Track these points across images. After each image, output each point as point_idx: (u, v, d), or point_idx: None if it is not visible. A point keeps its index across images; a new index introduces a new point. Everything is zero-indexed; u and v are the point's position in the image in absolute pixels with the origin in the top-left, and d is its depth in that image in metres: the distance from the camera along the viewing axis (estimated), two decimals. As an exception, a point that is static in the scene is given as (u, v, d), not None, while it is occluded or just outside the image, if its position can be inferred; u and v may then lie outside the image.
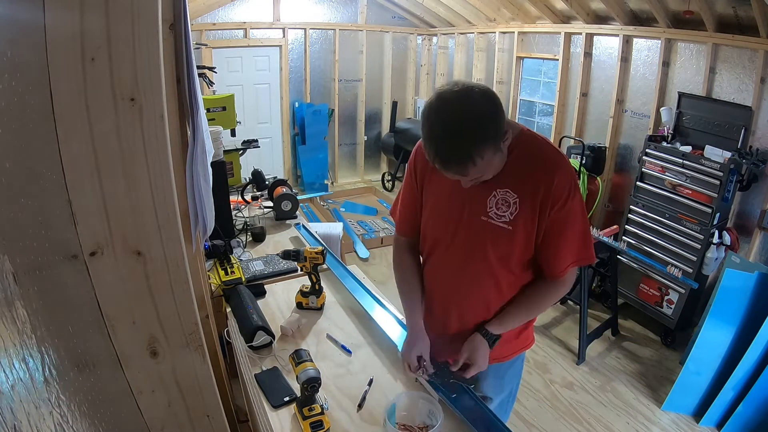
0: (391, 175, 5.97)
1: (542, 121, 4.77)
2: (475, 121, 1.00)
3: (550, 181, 1.10)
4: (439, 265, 1.31)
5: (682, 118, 3.20)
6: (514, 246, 1.17)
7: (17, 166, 0.63)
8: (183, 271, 0.80)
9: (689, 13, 3.05)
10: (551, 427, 2.37)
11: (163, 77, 0.71)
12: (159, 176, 0.73)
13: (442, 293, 1.32)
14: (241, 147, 2.82)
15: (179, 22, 1.11)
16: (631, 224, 3.28)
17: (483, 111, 1.01)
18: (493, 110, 1.02)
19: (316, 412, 1.14)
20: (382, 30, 5.82)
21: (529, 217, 1.13)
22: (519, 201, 1.13)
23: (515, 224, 1.14)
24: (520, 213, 1.13)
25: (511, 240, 1.16)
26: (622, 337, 3.18)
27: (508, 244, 1.17)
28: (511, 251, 1.18)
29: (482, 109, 1.01)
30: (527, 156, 1.13)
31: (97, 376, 0.76)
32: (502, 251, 1.19)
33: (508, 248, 1.18)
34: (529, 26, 4.52)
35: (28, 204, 0.65)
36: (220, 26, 4.98)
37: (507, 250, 1.18)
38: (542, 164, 1.13)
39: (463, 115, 1.00)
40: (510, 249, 1.18)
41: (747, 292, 2.33)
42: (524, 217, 1.14)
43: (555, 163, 1.12)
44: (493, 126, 1.01)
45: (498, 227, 1.16)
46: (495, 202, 1.15)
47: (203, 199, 1.28)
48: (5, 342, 0.57)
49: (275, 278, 1.88)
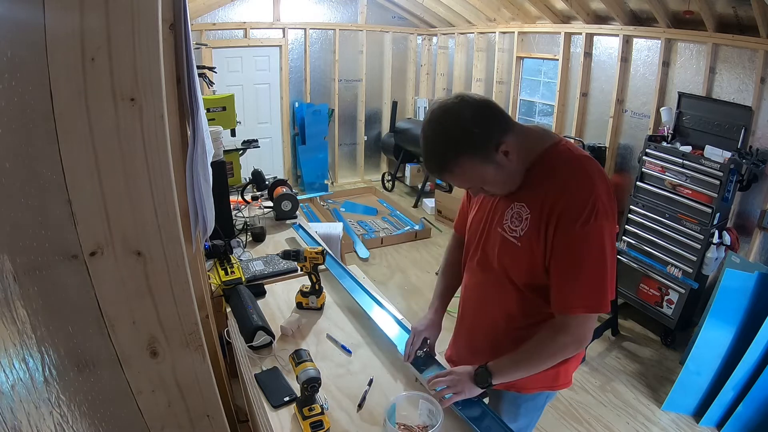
0: (391, 175, 5.97)
1: (542, 121, 4.77)
2: (450, 132, 1.01)
3: (559, 200, 1.02)
4: (467, 270, 1.32)
5: (682, 118, 3.20)
6: (520, 263, 1.12)
7: (17, 166, 0.63)
8: (183, 271, 0.80)
9: (689, 13, 3.05)
10: (551, 427, 2.37)
11: (163, 77, 0.71)
12: (159, 176, 0.73)
13: (464, 298, 1.36)
14: (241, 147, 2.82)
15: (179, 22, 1.11)
16: (631, 224, 3.28)
17: (463, 122, 1.00)
18: (477, 122, 1.01)
19: (316, 412, 1.14)
20: (382, 30, 5.83)
21: (535, 236, 1.07)
22: (530, 217, 1.08)
23: (523, 240, 1.09)
24: (529, 229, 1.08)
25: (518, 256, 1.12)
26: (622, 337, 3.18)
27: (515, 260, 1.13)
28: (518, 268, 1.14)
29: (463, 120, 1.01)
30: (547, 171, 1.07)
31: (97, 376, 0.76)
32: (510, 266, 1.15)
33: (516, 264, 1.13)
34: (529, 26, 4.52)
35: (28, 204, 0.65)
36: (220, 26, 4.98)
37: (515, 267, 1.14)
38: (559, 181, 1.04)
39: (440, 126, 1.03)
40: (517, 266, 1.13)
41: (747, 292, 2.33)
42: (530, 234, 1.08)
43: (573, 183, 1.03)
44: (469, 138, 1.00)
45: (509, 241, 1.13)
46: (511, 215, 1.12)
47: (203, 199, 1.28)
48: (5, 342, 0.57)
49: (275, 278, 1.88)
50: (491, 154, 1.02)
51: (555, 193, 1.03)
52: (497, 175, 1.06)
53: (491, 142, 1.01)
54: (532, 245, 1.08)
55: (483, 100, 1.04)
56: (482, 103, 1.03)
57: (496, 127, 1.03)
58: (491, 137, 1.02)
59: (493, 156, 1.03)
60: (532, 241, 1.07)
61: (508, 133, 1.04)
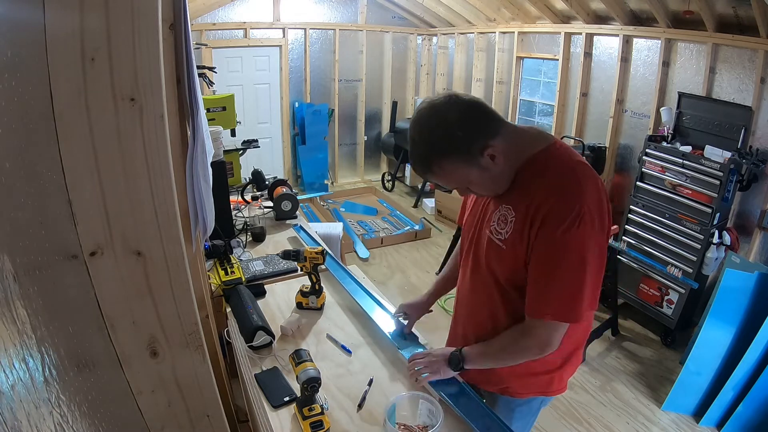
0: (391, 175, 5.97)
1: (542, 121, 4.77)
2: (433, 134, 1.02)
3: (544, 204, 0.99)
4: (462, 267, 1.33)
5: (682, 118, 3.20)
6: (504, 265, 1.11)
7: (17, 166, 0.63)
8: (183, 271, 0.80)
9: (689, 13, 3.05)
10: (551, 427, 2.37)
11: (163, 77, 0.71)
12: (159, 176, 0.73)
13: (458, 298, 1.37)
14: (241, 147, 2.82)
15: (179, 22, 1.11)
16: (631, 224, 3.28)
17: (446, 124, 1.00)
18: (462, 125, 0.99)
19: (316, 412, 1.14)
20: (382, 30, 5.83)
21: (518, 239, 1.05)
22: (515, 220, 1.06)
23: (507, 243, 1.08)
24: (513, 232, 1.06)
25: (502, 258, 1.11)
26: (622, 337, 3.18)
27: (500, 262, 1.12)
28: (502, 270, 1.13)
29: (447, 122, 1.00)
30: (536, 174, 1.05)
31: (97, 376, 0.76)
32: (496, 268, 1.14)
33: (500, 266, 1.13)
34: (529, 26, 4.52)
35: (28, 204, 0.65)
36: (220, 26, 4.98)
37: (499, 268, 1.13)
38: (547, 184, 1.01)
39: (425, 127, 1.03)
40: (502, 268, 1.12)
41: (747, 292, 2.33)
42: (514, 237, 1.06)
43: (560, 187, 1.00)
44: (452, 141, 1.00)
45: (494, 243, 1.12)
46: (497, 217, 1.11)
47: (203, 199, 1.28)
48: (5, 342, 0.57)
49: (275, 278, 1.88)
50: (475, 158, 1.01)
51: (541, 195, 1.00)
52: (482, 178, 1.05)
53: (475, 145, 1.00)
54: (516, 248, 1.06)
55: (472, 102, 1.03)
56: (471, 104, 1.02)
57: (482, 130, 1.01)
58: (475, 140, 1.00)
59: (477, 159, 1.02)
60: (516, 243, 1.06)
61: (496, 136, 1.02)
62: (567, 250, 0.99)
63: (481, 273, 1.20)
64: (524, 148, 1.07)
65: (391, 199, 5.54)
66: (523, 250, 1.05)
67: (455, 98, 1.02)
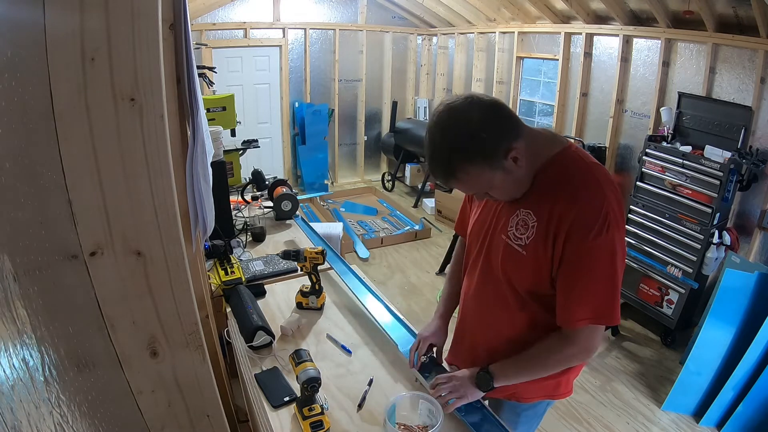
0: (391, 175, 5.97)
1: (542, 121, 4.77)
2: (458, 137, 0.96)
3: (569, 211, 0.97)
4: (468, 275, 1.29)
5: (682, 118, 3.20)
6: (524, 272, 1.08)
7: (17, 166, 0.63)
8: (183, 271, 0.80)
9: (689, 13, 3.05)
10: (551, 427, 2.37)
11: (163, 77, 0.71)
12: (159, 176, 0.73)
13: (464, 304, 1.32)
14: (241, 147, 2.82)
15: (179, 22, 1.11)
16: (631, 224, 3.28)
17: (470, 127, 0.95)
18: (486, 127, 0.95)
19: (316, 412, 1.14)
20: (382, 30, 5.83)
21: (542, 245, 1.02)
22: (537, 225, 1.03)
23: (528, 249, 1.05)
24: (535, 238, 1.03)
25: (522, 265, 1.07)
26: (622, 337, 3.18)
27: (519, 268, 1.09)
28: (522, 277, 1.10)
29: (470, 125, 0.95)
30: (556, 178, 1.02)
31: (97, 376, 0.76)
32: (514, 275, 1.11)
33: (520, 273, 1.10)
34: (529, 26, 4.53)
35: (28, 204, 0.65)
36: (220, 26, 4.98)
37: (518, 275, 1.10)
38: (568, 191, 1.00)
39: (448, 131, 0.97)
40: (521, 274, 1.10)
41: (747, 292, 2.33)
42: (536, 244, 1.03)
43: (584, 193, 0.99)
44: (478, 144, 0.95)
45: (513, 248, 1.08)
46: (516, 222, 1.07)
47: (203, 199, 1.28)
48: (5, 342, 0.57)
49: (275, 278, 1.88)
50: (500, 161, 0.97)
51: (565, 202, 0.98)
52: (505, 182, 1.02)
53: (500, 147, 0.96)
54: (538, 254, 1.04)
55: (494, 103, 0.99)
56: (492, 105, 0.98)
57: (506, 131, 0.97)
58: (501, 143, 0.96)
59: (501, 162, 0.98)
60: (539, 250, 1.03)
61: (518, 137, 0.98)
62: (600, 255, 0.99)
63: (495, 282, 1.16)
64: (541, 150, 1.04)
65: (391, 199, 5.54)
66: (547, 259, 1.03)
67: (476, 99, 0.98)
